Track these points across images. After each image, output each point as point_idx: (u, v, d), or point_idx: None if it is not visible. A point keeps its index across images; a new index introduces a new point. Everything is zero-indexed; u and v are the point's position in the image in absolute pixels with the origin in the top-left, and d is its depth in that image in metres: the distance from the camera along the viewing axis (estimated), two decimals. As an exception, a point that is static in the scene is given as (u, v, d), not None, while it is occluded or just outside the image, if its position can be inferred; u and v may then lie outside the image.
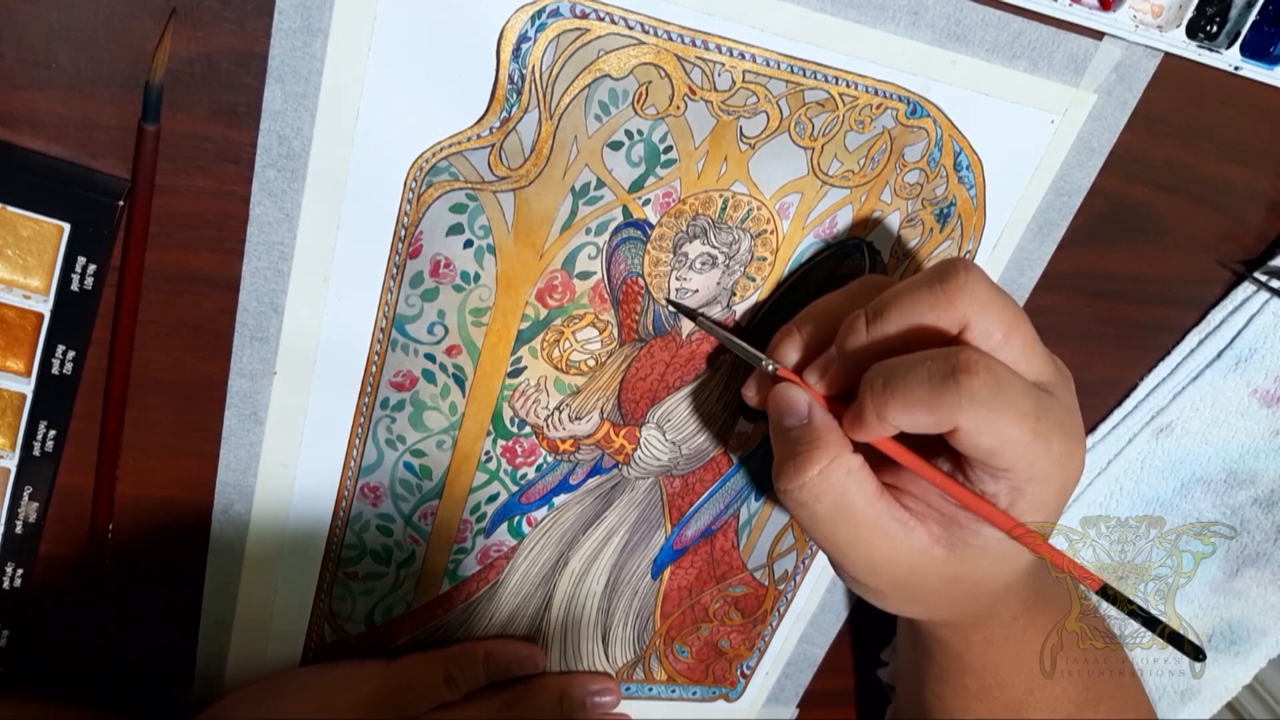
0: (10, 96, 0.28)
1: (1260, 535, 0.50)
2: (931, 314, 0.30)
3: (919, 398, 0.28)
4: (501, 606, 0.42)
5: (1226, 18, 0.34)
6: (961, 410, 0.28)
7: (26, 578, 0.35)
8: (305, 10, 0.27)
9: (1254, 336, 0.43)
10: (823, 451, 0.30)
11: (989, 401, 0.28)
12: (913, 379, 0.29)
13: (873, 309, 0.31)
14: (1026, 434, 0.29)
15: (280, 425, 0.34)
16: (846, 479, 0.30)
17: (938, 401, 0.28)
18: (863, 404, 0.30)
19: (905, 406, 0.29)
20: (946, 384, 0.28)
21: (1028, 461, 0.29)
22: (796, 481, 0.30)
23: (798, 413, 0.32)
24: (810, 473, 0.30)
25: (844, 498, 0.31)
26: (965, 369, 0.28)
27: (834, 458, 0.30)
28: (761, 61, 0.31)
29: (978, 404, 0.28)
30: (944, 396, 0.28)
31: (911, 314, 0.30)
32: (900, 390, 0.29)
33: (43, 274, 0.30)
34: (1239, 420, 0.46)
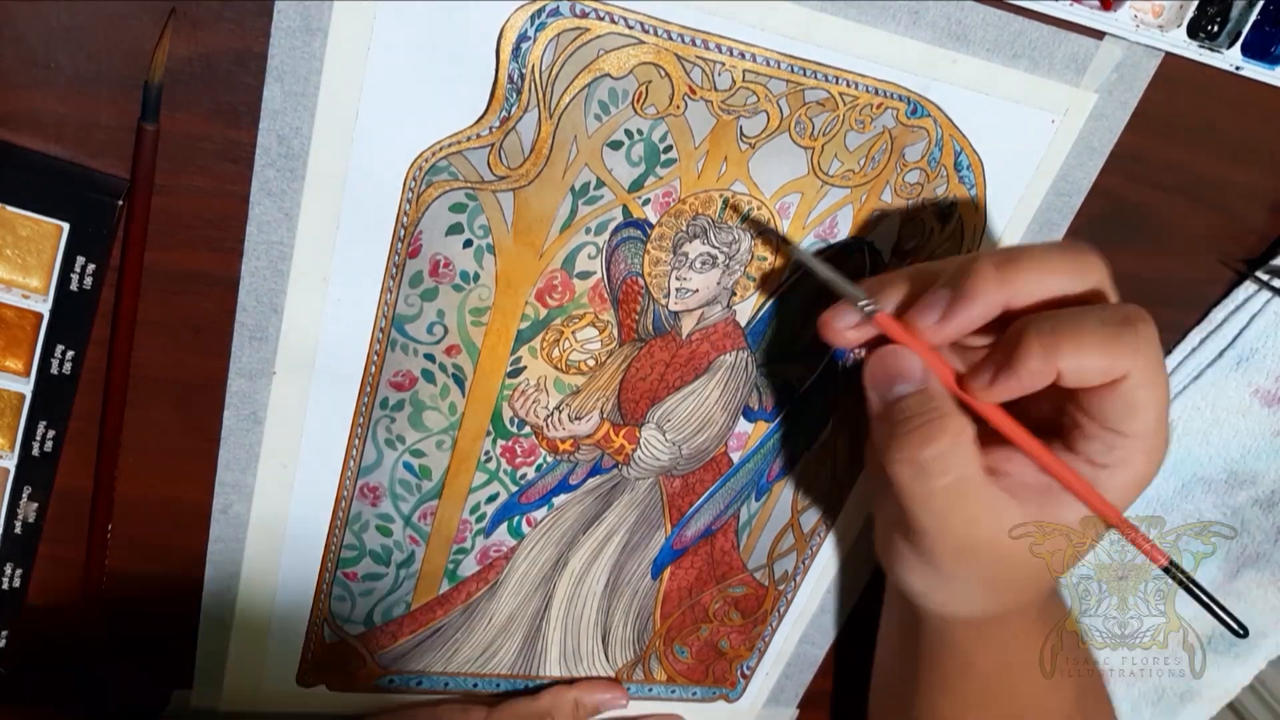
0: (9, 96, 0.28)
1: (1260, 536, 0.50)
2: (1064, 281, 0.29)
3: (1094, 340, 0.28)
4: (501, 607, 0.42)
5: (1227, 18, 0.34)
6: (1139, 356, 0.28)
7: (26, 578, 0.35)
8: (304, 9, 0.27)
9: (1255, 336, 0.43)
10: (952, 421, 0.29)
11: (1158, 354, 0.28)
12: (1086, 322, 0.28)
13: (1002, 255, 0.29)
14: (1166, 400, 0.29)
15: (280, 425, 0.34)
16: (970, 453, 0.29)
17: (1113, 345, 0.28)
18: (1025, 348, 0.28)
19: (1079, 346, 0.28)
20: (1125, 328, 0.28)
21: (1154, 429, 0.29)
22: (929, 450, 0.29)
23: (912, 376, 0.30)
24: (942, 443, 0.29)
25: (964, 472, 0.30)
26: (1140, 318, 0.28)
27: (962, 429, 0.29)
28: (761, 61, 0.31)
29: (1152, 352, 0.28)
30: (1121, 340, 0.28)
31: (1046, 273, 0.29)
32: (1072, 330, 0.28)
33: (42, 274, 0.30)
34: (1240, 420, 0.46)
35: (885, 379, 0.31)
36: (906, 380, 0.30)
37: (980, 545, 0.32)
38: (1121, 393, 0.28)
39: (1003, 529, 0.31)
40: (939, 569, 0.33)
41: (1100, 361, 0.28)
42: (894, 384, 0.31)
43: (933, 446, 0.29)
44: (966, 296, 0.29)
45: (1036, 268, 0.29)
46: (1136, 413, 0.29)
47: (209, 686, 0.40)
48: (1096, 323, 0.28)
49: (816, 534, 0.44)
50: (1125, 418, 0.29)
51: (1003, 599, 0.35)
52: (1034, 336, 0.28)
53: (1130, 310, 0.28)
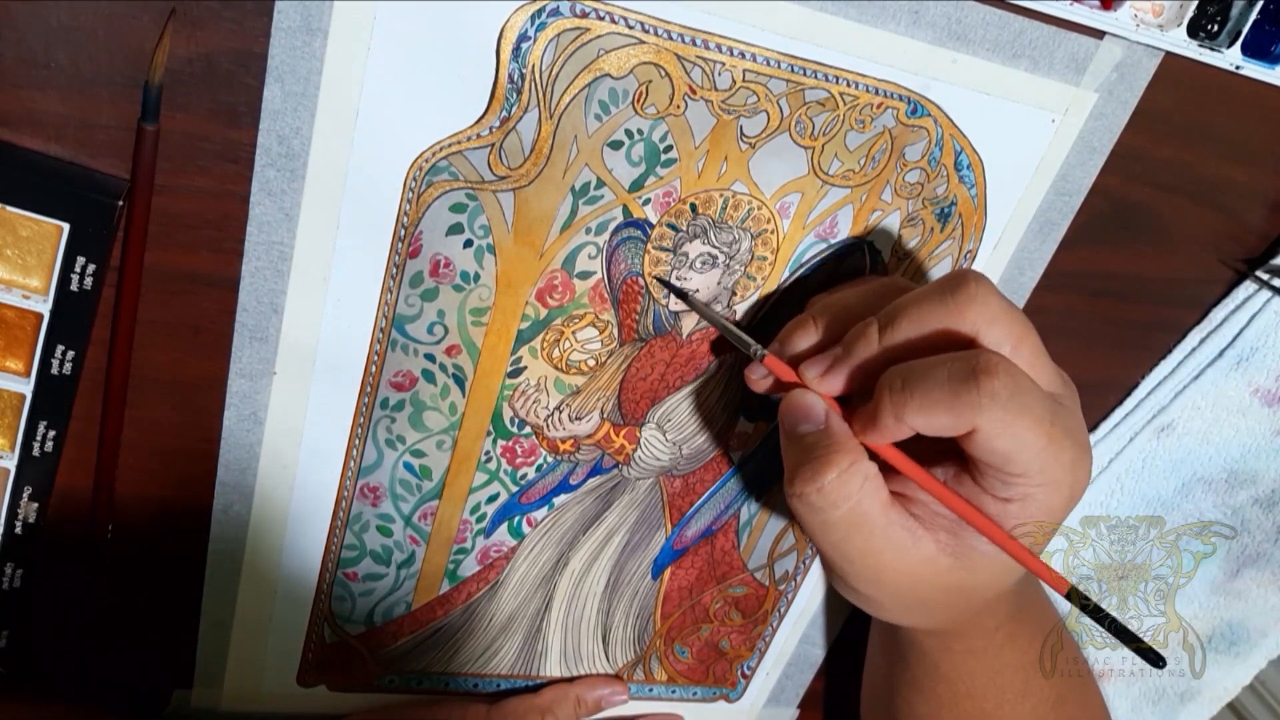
0: (10, 96, 0.28)
1: (1261, 535, 0.50)
2: (942, 324, 0.30)
3: (938, 399, 0.28)
4: (501, 607, 0.42)
5: (1227, 17, 0.34)
6: (981, 411, 0.28)
7: (26, 578, 0.35)
8: (304, 9, 0.27)
9: (1255, 335, 0.43)
10: (841, 456, 0.30)
11: (1008, 403, 0.28)
12: (932, 380, 0.28)
13: (884, 317, 0.31)
14: (1041, 439, 0.29)
15: (280, 425, 0.34)
16: (863, 486, 0.30)
17: (957, 402, 0.28)
18: (879, 405, 0.30)
19: (923, 407, 0.28)
20: (966, 384, 0.28)
21: (1040, 466, 0.29)
22: (814, 485, 0.30)
23: (814, 418, 0.31)
24: (828, 476, 0.30)
25: (859, 505, 0.30)
26: (985, 370, 0.28)
27: (852, 463, 0.30)
28: (762, 61, 0.31)
29: (998, 405, 0.28)
30: (963, 397, 0.28)
31: (922, 324, 0.30)
32: (919, 391, 0.29)
33: (42, 274, 0.30)
34: (1240, 419, 0.46)
35: (790, 419, 0.32)
36: (808, 420, 0.32)
37: (887, 574, 0.32)
38: (978, 443, 0.29)
39: (909, 558, 0.32)
40: (860, 593, 0.34)
41: (945, 419, 0.28)
42: (798, 423, 0.32)
43: (820, 479, 0.30)
44: (848, 358, 0.31)
45: (911, 323, 0.30)
46: (1005, 458, 0.29)
47: (209, 686, 0.40)
48: (942, 379, 0.28)
49: (817, 534, 0.44)
50: (1000, 463, 0.29)
51: (938, 616, 0.36)
52: (886, 396, 0.29)
53: (978, 363, 0.28)
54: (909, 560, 0.32)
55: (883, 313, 0.31)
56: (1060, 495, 0.30)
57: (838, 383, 0.32)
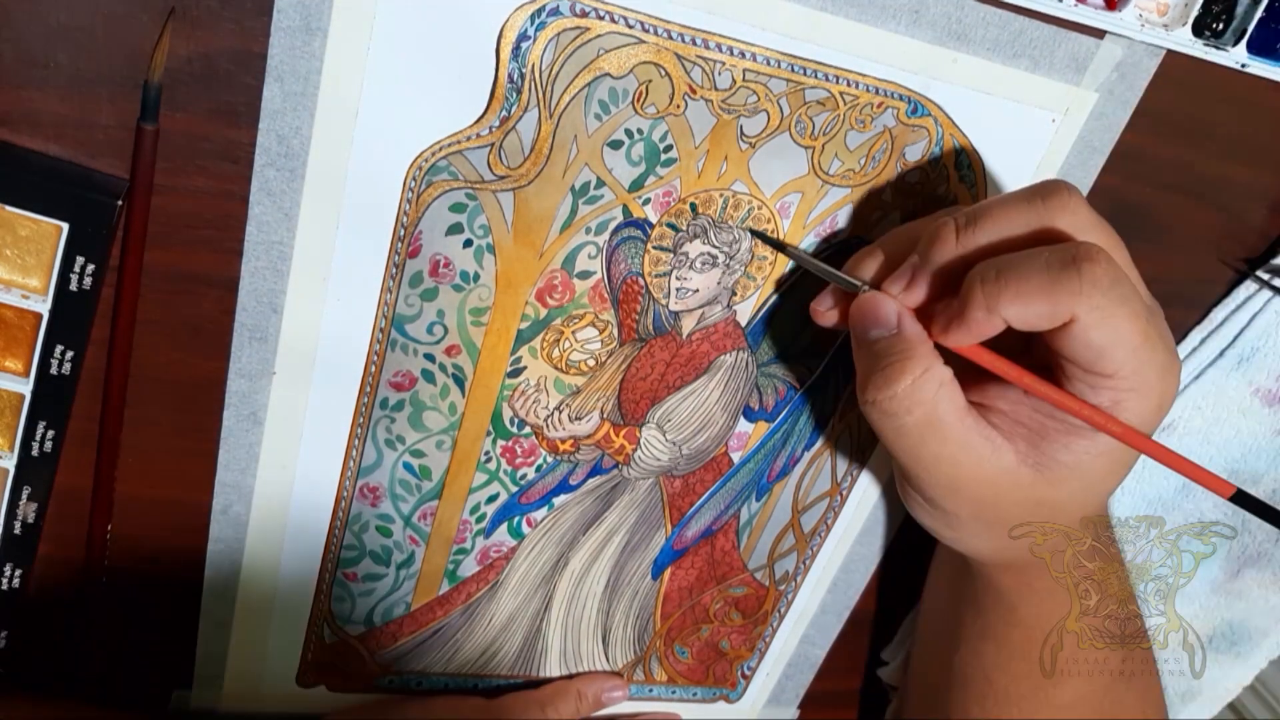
0: (9, 96, 0.27)
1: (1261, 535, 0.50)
2: (1028, 228, 0.29)
3: (1036, 285, 0.27)
4: (501, 607, 0.42)
5: (1232, 15, 0.34)
6: (1082, 298, 0.27)
7: (25, 578, 0.35)
8: (304, 9, 0.27)
9: (1256, 335, 0.43)
10: (915, 361, 0.29)
11: (1110, 291, 0.27)
12: (1029, 267, 0.28)
13: (965, 216, 0.30)
14: (1138, 335, 0.28)
15: (279, 425, 0.34)
16: (939, 391, 0.29)
17: (1056, 289, 0.27)
18: (970, 297, 0.28)
19: (1021, 294, 0.27)
20: (1067, 270, 0.27)
21: (1134, 366, 0.28)
22: (887, 391, 0.29)
23: (886, 323, 0.31)
24: (903, 382, 0.29)
25: (934, 410, 0.30)
26: (1087, 257, 0.27)
27: (926, 368, 0.29)
28: (762, 60, 0.31)
29: (1099, 291, 0.27)
30: (1064, 283, 0.27)
31: (1006, 225, 0.29)
32: (1015, 278, 0.28)
33: (41, 274, 0.30)
34: (1241, 419, 0.46)
35: (861, 324, 0.31)
36: (880, 325, 0.31)
37: (965, 483, 0.31)
38: (1076, 335, 0.28)
39: (988, 466, 0.31)
40: (937, 505, 0.33)
41: (1042, 307, 0.28)
42: (869, 329, 0.31)
43: (895, 385, 0.29)
44: (927, 265, 0.30)
45: (995, 223, 0.29)
46: (1100, 354, 0.28)
47: (209, 686, 0.40)
48: (1040, 266, 0.28)
49: (817, 534, 0.44)
50: (1093, 359, 0.28)
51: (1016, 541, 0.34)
52: (978, 286, 0.28)
53: (1077, 249, 0.27)
54: (988, 469, 0.31)
55: (961, 211, 0.30)
56: (1150, 402, 0.29)
57: (918, 293, 0.30)
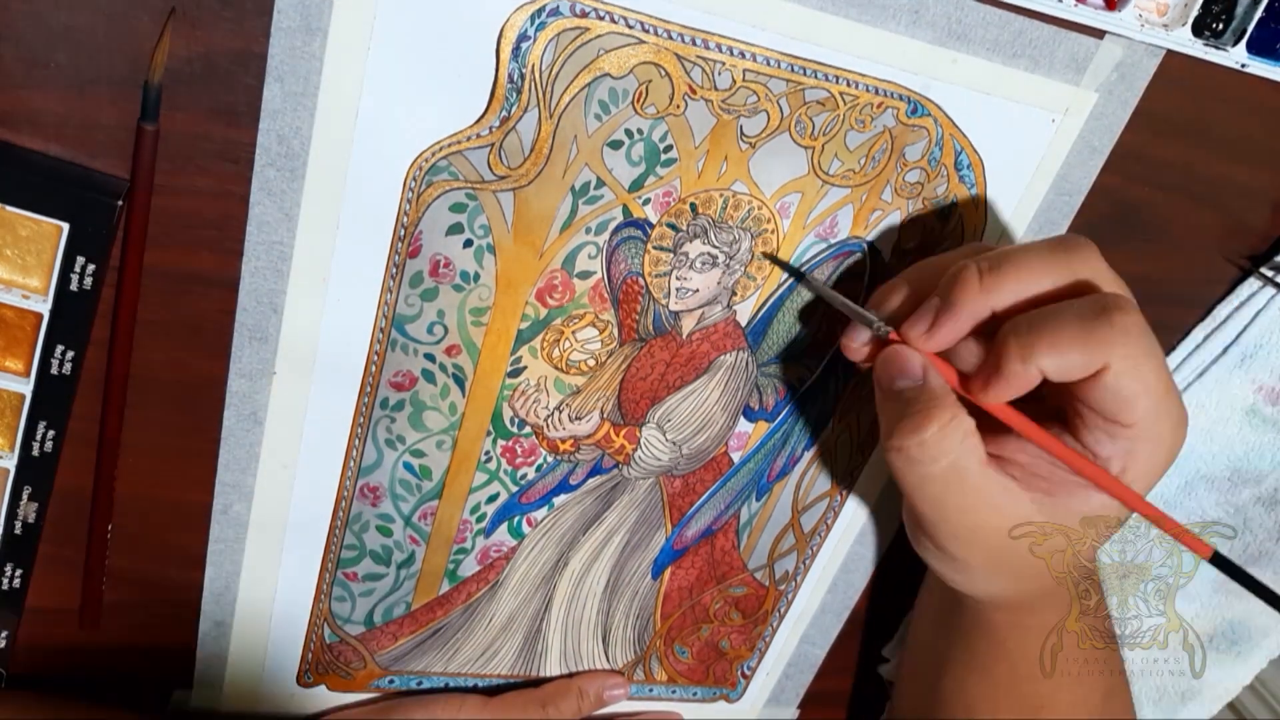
0: (9, 96, 0.27)
1: (1263, 534, 0.50)
2: (1049, 279, 0.29)
3: (1070, 336, 0.28)
4: (501, 607, 0.42)
5: (1232, 15, 0.34)
6: (1115, 346, 0.27)
7: (26, 578, 0.35)
8: (304, 9, 0.27)
9: (1259, 333, 0.43)
10: (942, 410, 0.30)
11: (1140, 339, 0.28)
12: (1062, 318, 0.28)
13: (989, 261, 0.30)
14: (1163, 385, 0.29)
15: (280, 425, 0.34)
16: (964, 441, 0.30)
17: (1089, 338, 0.28)
18: (1005, 351, 0.29)
19: (1055, 345, 0.28)
20: (1099, 320, 0.28)
21: (1154, 418, 0.29)
22: (915, 439, 0.30)
23: (912, 374, 0.31)
24: (929, 430, 0.30)
25: (959, 460, 0.30)
26: (1118, 306, 0.28)
27: (953, 417, 0.30)
28: (762, 60, 0.31)
29: (1130, 340, 0.27)
30: (1096, 332, 0.28)
31: (1029, 273, 0.29)
32: (1049, 329, 0.28)
33: (42, 274, 0.30)
34: (1244, 418, 0.46)
35: (888, 374, 0.32)
36: (906, 376, 0.31)
37: (982, 532, 0.32)
38: (1106, 384, 0.28)
39: (1006, 517, 0.31)
40: (949, 553, 0.34)
41: (1077, 357, 0.28)
42: (895, 379, 0.31)
43: (921, 434, 0.30)
44: (952, 308, 0.30)
45: (1019, 272, 0.30)
46: (1127, 403, 0.29)
47: (209, 686, 0.40)
48: (1072, 317, 0.28)
49: (817, 534, 0.44)
50: (1118, 409, 0.29)
51: (1023, 585, 0.35)
52: (1012, 340, 0.29)
53: (1108, 300, 0.28)
54: (1005, 519, 0.31)
55: (984, 257, 0.30)
56: (1161, 453, 0.30)
57: (944, 336, 0.31)
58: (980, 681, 0.40)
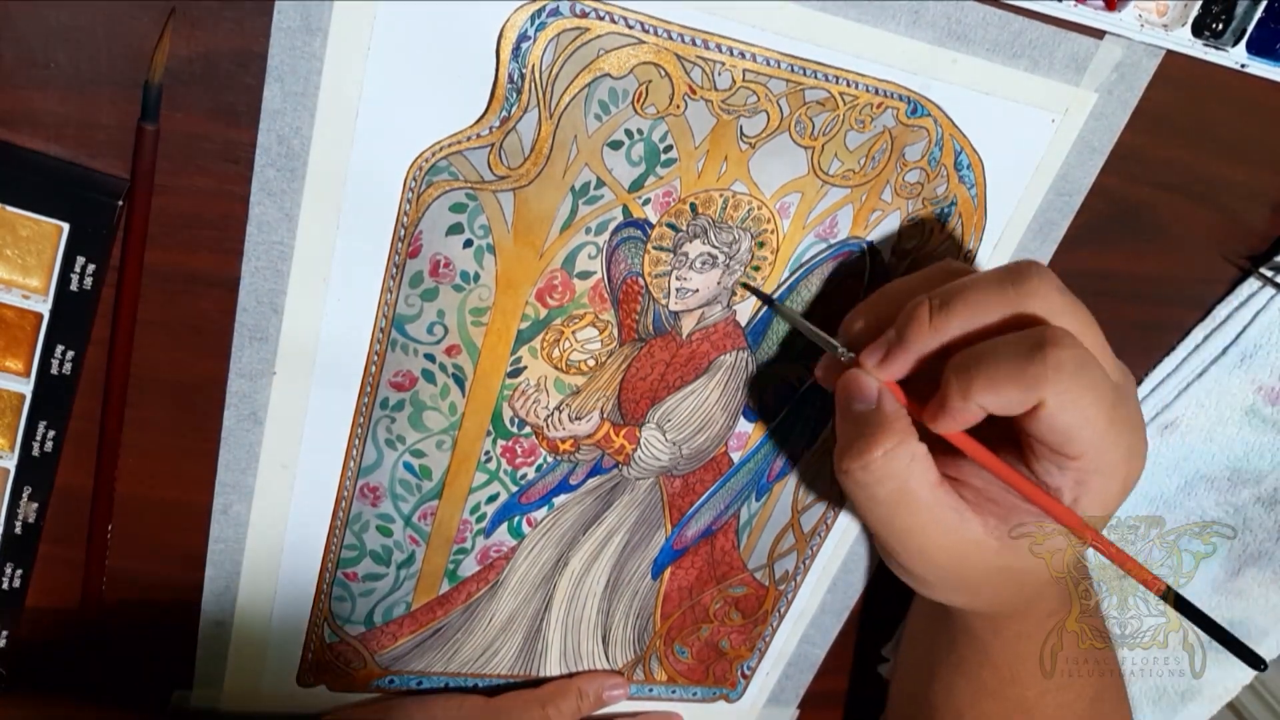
0: (9, 96, 0.27)
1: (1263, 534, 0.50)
2: (1000, 312, 0.30)
3: (1005, 373, 0.28)
4: (501, 607, 0.42)
5: (1232, 16, 0.34)
6: (1047, 383, 0.28)
7: (26, 578, 0.35)
8: (304, 9, 0.27)
9: (1259, 333, 0.43)
10: (888, 435, 0.30)
11: (1076, 375, 0.28)
12: (999, 355, 0.29)
13: (939, 299, 0.31)
14: (1103, 418, 0.29)
15: (280, 425, 0.34)
16: (910, 465, 0.31)
17: (1023, 375, 0.28)
18: (947, 387, 0.29)
19: (991, 383, 0.28)
20: (1033, 356, 0.28)
21: (1099, 449, 0.29)
22: (859, 462, 0.31)
23: (866, 397, 0.32)
24: (875, 454, 0.30)
25: (906, 483, 0.31)
26: (1052, 342, 0.28)
27: (900, 441, 0.30)
28: (762, 61, 0.31)
29: (1064, 376, 0.28)
30: (1030, 369, 0.28)
31: (978, 308, 0.30)
32: (986, 367, 0.29)
33: (42, 274, 0.30)
34: (1244, 418, 0.46)
35: (845, 397, 0.32)
36: (860, 399, 0.32)
37: (933, 552, 0.33)
38: (1043, 419, 0.29)
39: (958, 538, 0.32)
40: (908, 570, 0.34)
41: (1013, 394, 0.28)
42: (852, 402, 0.32)
43: (866, 457, 0.31)
44: (903, 344, 0.31)
45: (967, 309, 0.30)
46: (1066, 436, 0.29)
47: (209, 686, 0.40)
48: (1008, 354, 0.29)
49: (817, 534, 0.44)
50: (1060, 442, 0.29)
51: (988, 599, 0.36)
52: (953, 377, 0.29)
53: (1044, 335, 0.28)
54: (955, 540, 0.32)
55: (936, 293, 0.31)
56: (1114, 483, 0.30)
57: (896, 368, 0.31)
58: (967, 686, 0.40)
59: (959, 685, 0.40)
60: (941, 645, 0.41)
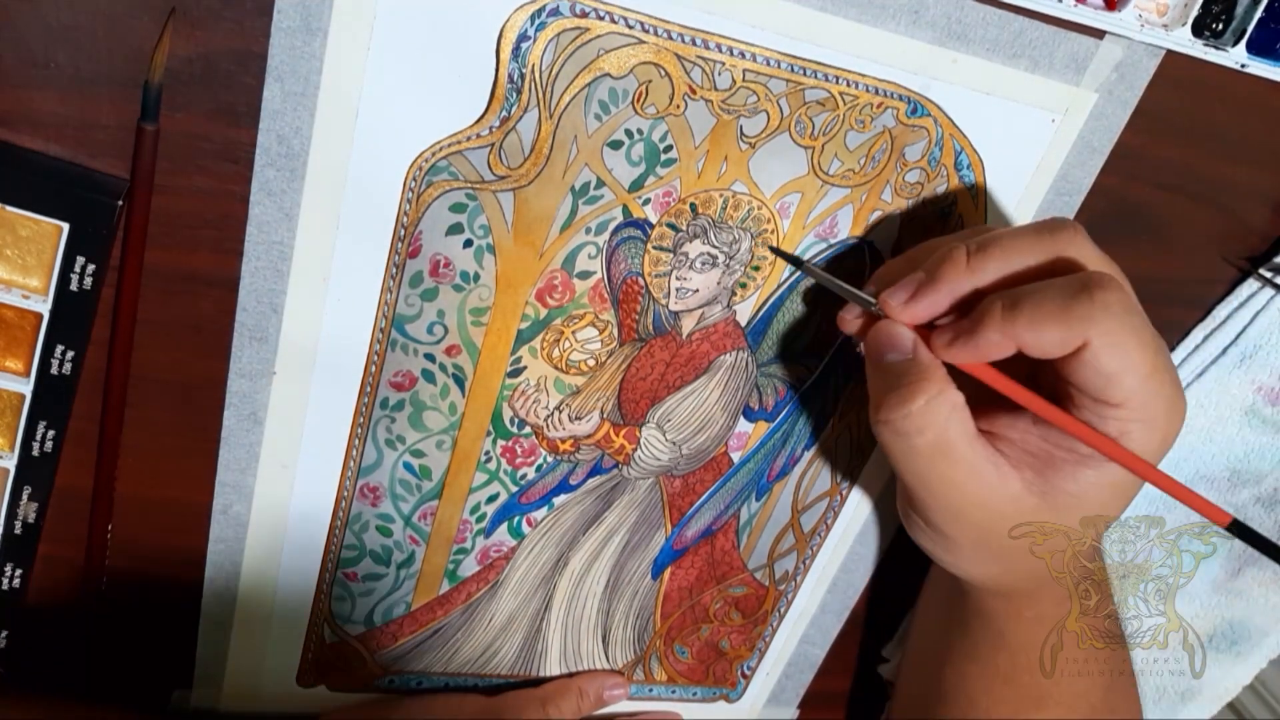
0: (9, 96, 0.28)
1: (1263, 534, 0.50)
2: (1037, 258, 0.30)
3: (1050, 311, 0.28)
4: (501, 607, 0.42)
5: (1232, 15, 0.34)
6: (1094, 323, 0.27)
7: (25, 578, 0.35)
8: (304, 9, 0.27)
9: (1259, 333, 0.43)
10: (930, 384, 0.30)
11: (1122, 317, 0.28)
12: (1043, 294, 0.28)
13: (976, 243, 0.30)
14: (1147, 364, 0.28)
15: (280, 425, 0.34)
16: (950, 414, 0.30)
17: (1069, 315, 0.28)
18: (986, 319, 0.29)
19: (1035, 321, 0.28)
20: (1079, 296, 0.28)
21: (1142, 398, 0.29)
22: (901, 411, 0.30)
23: (901, 348, 0.31)
24: (916, 403, 0.30)
25: (945, 433, 0.30)
26: (1100, 284, 0.28)
27: (940, 391, 0.30)
28: (762, 60, 0.31)
29: (1111, 317, 0.27)
30: (1077, 308, 0.28)
31: (1016, 255, 0.30)
32: (1030, 304, 0.28)
33: (42, 274, 0.30)
34: (1243, 418, 0.46)
35: (877, 348, 0.32)
36: (895, 350, 0.31)
37: (969, 508, 0.32)
38: (1086, 361, 0.28)
39: (996, 493, 0.31)
40: (938, 530, 0.34)
41: (1056, 333, 0.28)
42: (884, 353, 0.32)
43: (907, 406, 0.30)
44: (935, 282, 0.30)
45: (1004, 253, 0.30)
46: (1110, 380, 0.29)
47: (209, 686, 0.40)
48: (1055, 293, 0.28)
49: (817, 534, 0.44)
50: (1103, 386, 0.29)
51: (1013, 570, 0.35)
52: (995, 309, 0.29)
53: (1091, 277, 0.28)
54: (993, 496, 0.31)
55: (973, 240, 0.31)
56: (1155, 435, 0.30)
57: (922, 308, 0.31)
58: (981, 672, 0.40)
59: (972, 672, 0.40)
60: (954, 631, 0.40)
